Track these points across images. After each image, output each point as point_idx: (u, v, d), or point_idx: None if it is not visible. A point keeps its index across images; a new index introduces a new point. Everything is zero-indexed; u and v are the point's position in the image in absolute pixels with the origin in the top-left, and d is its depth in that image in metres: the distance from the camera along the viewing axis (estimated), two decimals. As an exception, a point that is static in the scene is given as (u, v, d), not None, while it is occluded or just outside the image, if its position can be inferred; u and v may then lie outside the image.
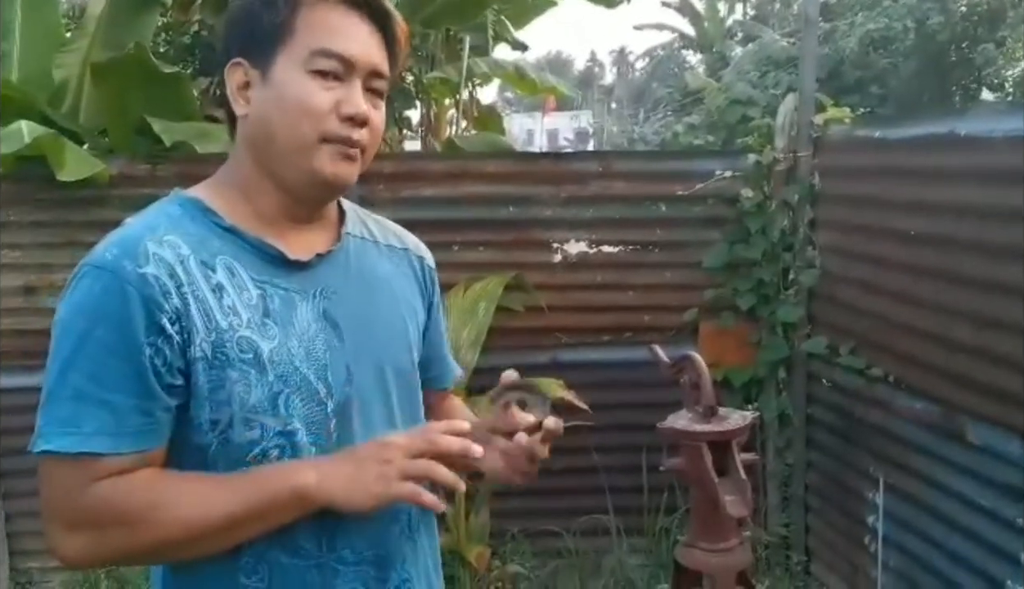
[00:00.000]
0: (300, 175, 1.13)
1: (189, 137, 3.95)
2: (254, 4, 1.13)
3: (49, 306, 3.56)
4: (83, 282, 1.05)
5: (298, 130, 1.10)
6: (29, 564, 3.68)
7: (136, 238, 1.07)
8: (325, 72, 1.10)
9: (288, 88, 1.10)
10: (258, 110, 1.12)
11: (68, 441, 1.03)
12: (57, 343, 1.05)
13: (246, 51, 1.12)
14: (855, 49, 13.35)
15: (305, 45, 1.10)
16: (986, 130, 2.55)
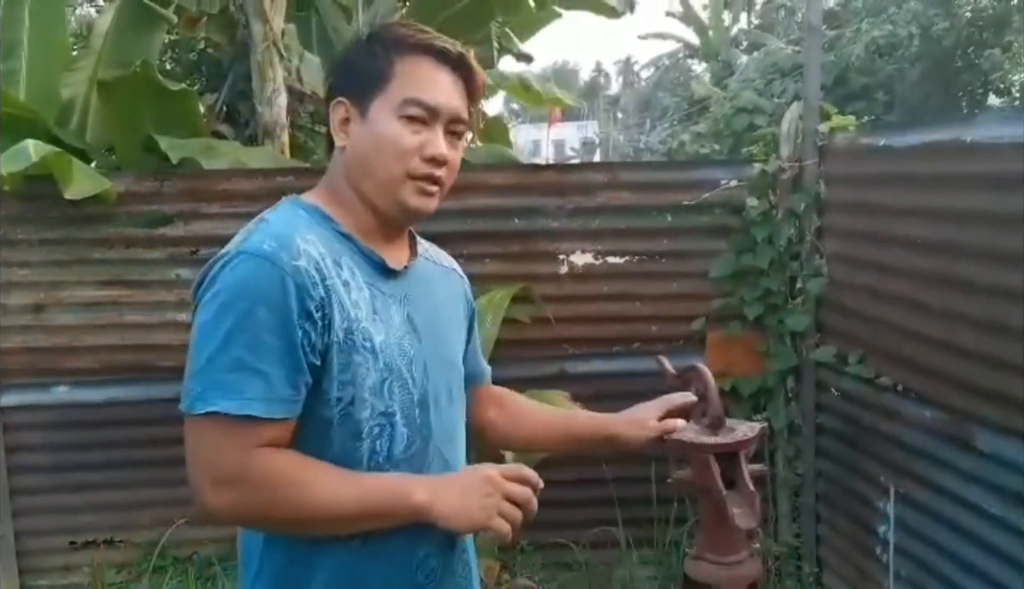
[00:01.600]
0: (388, 203, 1.32)
1: (196, 153, 3.98)
2: (359, 52, 1.34)
3: (58, 323, 3.59)
4: (243, 266, 1.20)
5: (388, 166, 1.30)
6: (39, 581, 3.69)
7: (288, 234, 1.23)
8: (413, 117, 1.29)
9: (381, 129, 1.29)
10: (356, 145, 1.32)
11: (231, 404, 1.16)
12: (217, 316, 1.19)
13: (348, 91, 1.32)
14: (860, 56, 13.33)
15: (399, 93, 1.29)
16: (992, 136, 2.54)
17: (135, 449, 3.69)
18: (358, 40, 1.36)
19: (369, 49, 1.32)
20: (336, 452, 1.24)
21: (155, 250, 3.62)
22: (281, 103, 4.93)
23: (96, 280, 3.62)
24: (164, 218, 3.59)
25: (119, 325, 3.64)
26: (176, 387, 4.00)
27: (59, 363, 3.64)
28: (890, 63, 13.51)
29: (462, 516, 1.26)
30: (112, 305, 3.63)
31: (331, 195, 1.35)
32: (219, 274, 1.22)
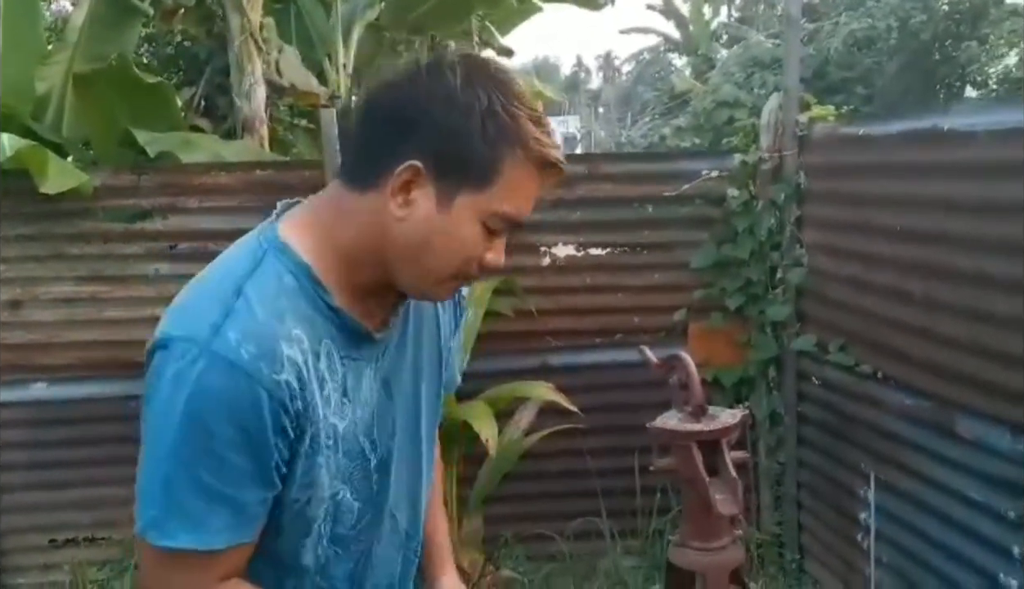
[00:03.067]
0: (416, 290, 1.14)
1: (173, 147, 3.94)
2: (469, 125, 1.03)
3: (35, 319, 3.55)
4: (215, 374, 0.98)
5: (445, 266, 1.09)
6: (19, 580, 3.65)
7: (271, 336, 1.01)
8: (493, 230, 1.09)
9: (460, 229, 1.07)
10: (419, 225, 1.06)
11: (194, 538, 1.01)
12: (179, 427, 0.98)
13: (433, 162, 1.04)
14: (839, 49, 13.41)
15: (496, 203, 1.06)
16: (968, 124, 2.56)
17: (115, 446, 3.65)
18: (465, 99, 1.04)
19: (481, 128, 1.03)
20: (280, 543, 1.12)
21: (133, 245, 3.58)
22: (260, 96, 4.90)
23: (74, 275, 3.58)
24: (142, 213, 3.56)
25: (98, 321, 3.61)
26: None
27: (37, 360, 3.60)
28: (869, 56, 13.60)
29: None
30: (90, 301, 3.60)
31: (333, 249, 1.10)
32: (184, 370, 0.98)
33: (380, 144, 1.06)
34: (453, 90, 1.03)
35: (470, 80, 1.04)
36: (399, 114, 1.06)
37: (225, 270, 1.07)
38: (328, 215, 1.11)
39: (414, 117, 1.05)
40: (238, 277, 1.04)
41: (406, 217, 1.06)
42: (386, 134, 1.06)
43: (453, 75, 1.03)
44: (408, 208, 1.05)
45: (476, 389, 3.46)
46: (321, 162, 3.61)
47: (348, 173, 1.11)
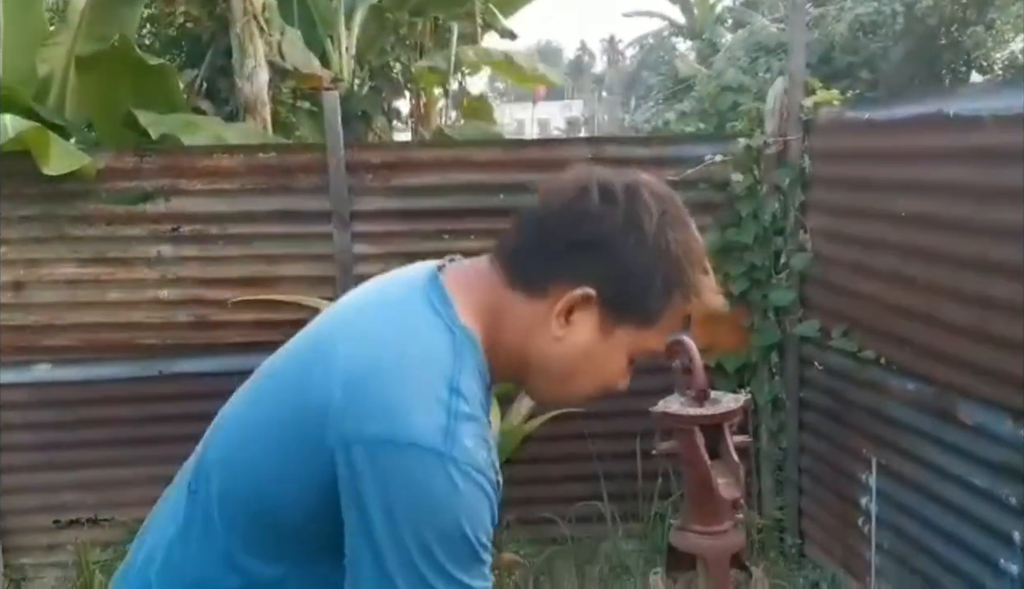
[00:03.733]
0: (546, 401, 1.18)
1: (176, 129, 3.94)
2: (653, 271, 1.04)
3: (38, 301, 3.56)
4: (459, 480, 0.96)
5: (584, 388, 1.11)
6: (23, 560, 3.67)
7: (489, 440, 1.02)
8: (632, 360, 1.11)
9: (611, 359, 1.09)
10: (573, 348, 1.07)
11: None
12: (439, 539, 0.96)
13: (604, 294, 1.04)
14: (844, 34, 13.32)
15: (649, 341, 1.09)
16: (974, 109, 2.54)
17: (118, 427, 3.67)
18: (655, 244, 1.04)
19: (663, 277, 1.05)
20: None
21: (136, 227, 3.58)
22: (262, 78, 4.89)
23: (76, 257, 3.58)
24: (144, 195, 3.55)
25: (100, 303, 3.61)
26: (158, 365, 3.94)
27: (40, 341, 3.61)
28: (874, 41, 13.51)
29: None
30: (93, 283, 3.60)
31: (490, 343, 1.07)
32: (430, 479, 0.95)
33: (558, 259, 1.05)
34: (647, 233, 1.03)
35: (663, 225, 1.04)
36: (586, 238, 1.04)
37: (426, 357, 1.01)
38: (492, 308, 1.08)
39: (601, 246, 1.04)
40: (446, 372, 1.00)
41: (563, 337, 1.06)
42: (567, 252, 1.04)
43: (648, 216, 1.03)
44: (567, 329, 1.05)
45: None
46: (324, 145, 3.60)
47: (515, 272, 1.07)
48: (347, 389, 0.98)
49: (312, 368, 1.03)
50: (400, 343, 1.01)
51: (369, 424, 0.96)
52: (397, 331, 1.03)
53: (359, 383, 0.98)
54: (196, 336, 3.63)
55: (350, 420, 0.96)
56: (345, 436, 0.96)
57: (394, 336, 1.02)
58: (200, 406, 4.05)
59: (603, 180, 1.06)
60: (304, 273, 3.64)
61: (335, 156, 3.55)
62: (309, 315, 3.78)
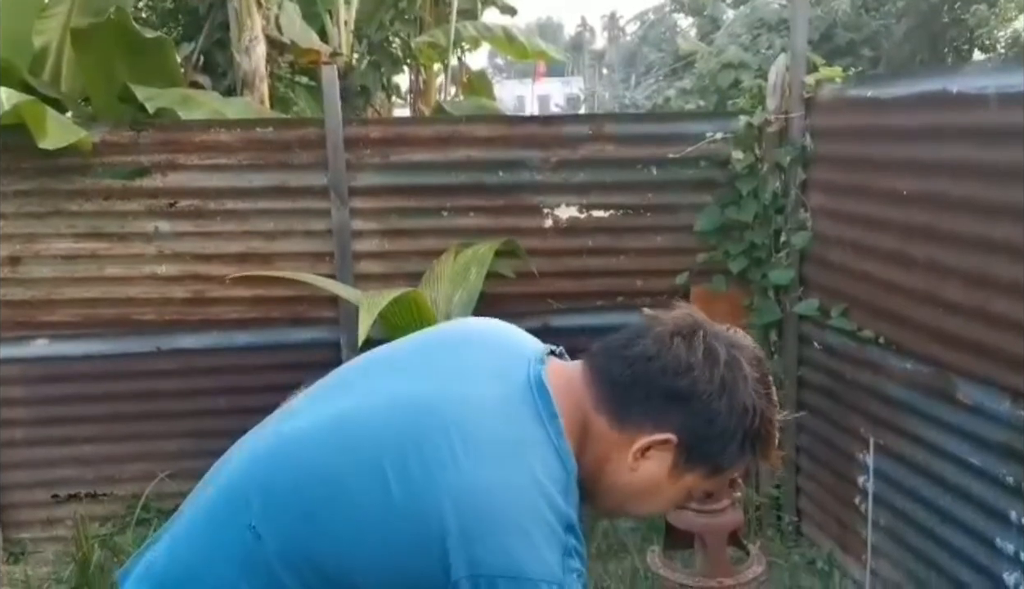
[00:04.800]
0: (603, 514, 1.28)
1: (173, 103, 3.91)
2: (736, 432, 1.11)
3: (35, 276, 3.55)
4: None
5: (642, 512, 1.22)
6: (22, 535, 3.68)
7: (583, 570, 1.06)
8: (691, 495, 1.19)
9: (674, 495, 1.17)
10: (642, 480, 1.13)
11: None
12: None
13: (683, 441, 1.10)
14: (847, 11, 13.24)
15: (713, 484, 1.17)
16: (978, 87, 2.52)
17: (116, 402, 3.67)
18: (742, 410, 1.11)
19: (743, 439, 1.12)
20: None
21: (132, 202, 3.56)
22: (260, 53, 4.85)
23: (73, 232, 3.56)
24: (141, 170, 3.53)
25: (98, 278, 3.60)
26: (156, 340, 3.94)
27: (37, 316, 3.60)
28: (876, 19, 13.43)
29: None
30: (90, 258, 3.58)
31: (578, 452, 1.11)
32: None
33: (650, 403, 1.10)
34: (739, 400, 1.10)
35: (755, 390, 1.11)
36: (682, 391, 1.10)
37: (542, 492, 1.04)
38: (580, 423, 1.12)
39: (693, 401, 1.10)
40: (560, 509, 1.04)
41: (636, 470, 1.12)
42: (661, 396, 1.10)
43: (744, 384, 1.10)
44: (641, 462, 1.12)
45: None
46: (322, 120, 3.57)
47: (607, 400, 1.12)
48: (466, 511, 1.00)
49: (417, 460, 1.03)
50: (516, 466, 1.04)
51: (494, 558, 0.98)
52: (512, 450, 1.05)
53: (479, 509, 1.00)
54: (193, 311, 3.63)
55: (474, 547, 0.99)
56: (471, 564, 0.98)
57: (509, 457, 1.04)
58: (198, 381, 4.06)
59: (708, 336, 1.13)
60: (302, 249, 3.62)
61: (333, 131, 3.53)
62: (306, 291, 3.75)
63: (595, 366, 1.15)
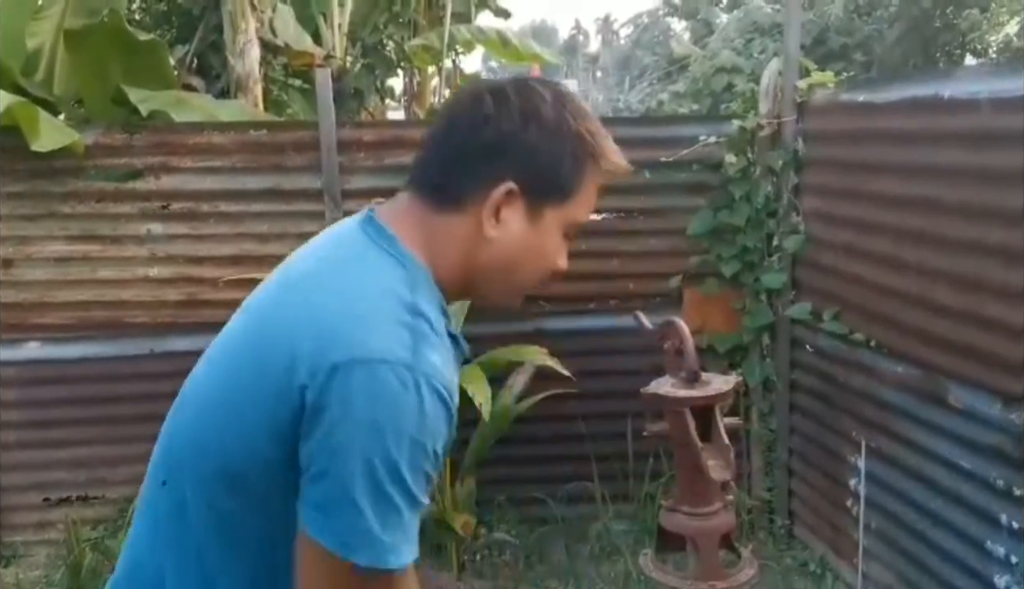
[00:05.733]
0: (500, 301, 1.22)
1: (166, 106, 3.90)
2: (561, 147, 1.12)
3: (28, 278, 3.53)
4: (426, 393, 0.99)
5: (533, 276, 1.18)
6: (14, 538, 3.67)
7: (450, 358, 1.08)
8: (567, 237, 1.18)
9: (547, 241, 1.16)
10: (509, 243, 1.13)
11: (412, 550, 1.01)
12: (401, 455, 0.98)
13: (523, 183, 1.11)
14: (840, 16, 13.29)
15: (574, 214, 1.16)
16: (970, 92, 2.53)
17: (108, 405, 3.66)
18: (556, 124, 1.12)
19: (571, 151, 1.12)
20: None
21: (125, 204, 3.55)
22: (254, 55, 4.84)
23: (66, 235, 3.56)
24: (134, 172, 3.53)
25: (91, 281, 3.59)
26: (149, 343, 3.92)
27: (30, 319, 3.59)
28: (869, 23, 13.48)
29: None
30: (83, 260, 3.58)
31: (436, 263, 1.12)
32: (400, 396, 0.98)
33: (473, 168, 1.11)
34: (545, 118, 1.11)
35: (559, 107, 1.12)
36: (492, 140, 1.10)
37: (381, 284, 1.06)
38: (424, 235, 1.13)
39: (506, 143, 1.10)
40: (408, 299, 1.05)
41: (498, 237, 1.12)
42: (479, 159, 1.11)
43: (543, 103, 1.12)
44: (500, 228, 1.12)
45: (470, 353, 3.45)
46: (315, 123, 3.57)
47: (437, 195, 1.13)
48: (315, 334, 1.00)
49: (269, 330, 1.05)
50: (358, 284, 1.05)
51: (338, 352, 0.98)
52: (353, 275, 1.06)
53: (326, 327, 1.00)
54: (186, 314, 3.62)
55: (319, 355, 0.98)
56: (314, 369, 0.97)
57: (352, 280, 1.06)
58: (191, 385, 4.02)
59: (493, 85, 1.14)
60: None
61: (327, 134, 3.53)
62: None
63: (413, 179, 1.16)
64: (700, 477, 2.32)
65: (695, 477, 2.37)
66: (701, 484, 2.37)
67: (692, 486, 2.42)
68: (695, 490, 2.42)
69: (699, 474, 2.32)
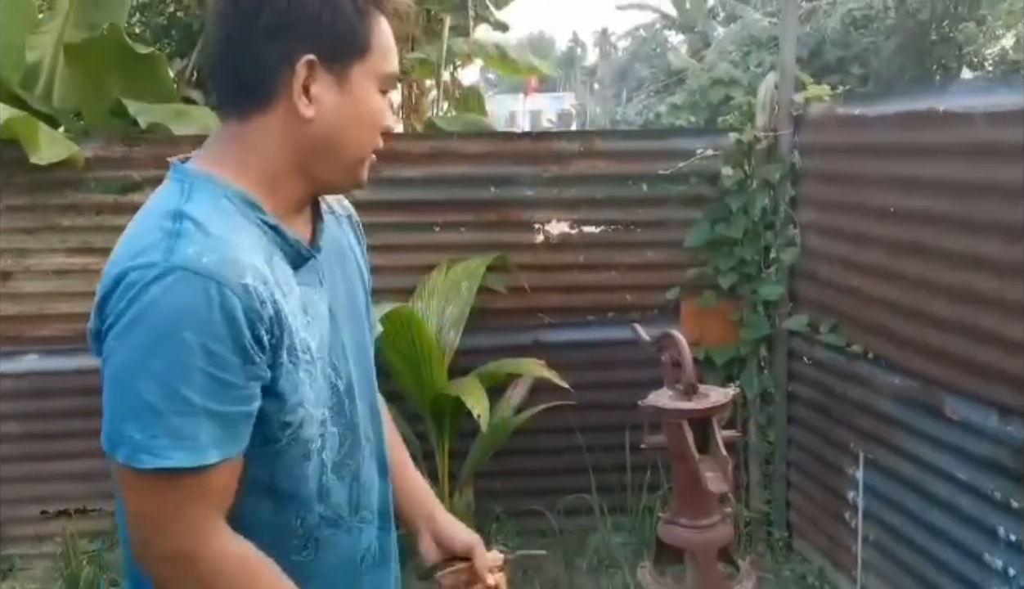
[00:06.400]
0: (346, 181, 1.17)
1: (165, 119, 3.91)
2: (340, 7, 1.09)
3: (26, 291, 3.54)
4: (182, 287, 0.98)
5: (365, 143, 1.14)
6: (11, 551, 3.66)
7: (227, 245, 1.02)
8: (385, 91, 1.15)
9: (366, 104, 1.12)
10: (330, 117, 1.10)
11: (186, 455, 1.00)
12: (154, 348, 0.98)
13: (319, 53, 1.08)
14: (836, 28, 13.34)
15: (379, 65, 1.13)
16: (965, 106, 2.55)
17: (106, 418, 3.65)
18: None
19: (350, 5, 1.09)
20: (282, 473, 1.12)
21: (125, 216, 3.47)
22: (253, 68, 4.85)
23: (65, 247, 3.56)
24: (133, 184, 3.53)
25: (89, 293, 3.53)
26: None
27: (28, 331, 3.59)
28: (865, 36, 13.54)
29: None
30: (82, 272, 3.57)
31: (254, 173, 1.11)
32: (146, 292, 0.98)
33: (261, 58, 1.08)
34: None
35: None
36: (270, 20, 1.07)
37: (154, 207, 1.08)
38: (234, 150, 1.12)
39: (287, 17, 1.07)
40: (173, 207, 1.05)
41: (315, 115, 1.09)
42: (263, 45, 1.07)
43: None
44: (314, 106, 1.09)
45: (468, 365, 3.46)
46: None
47: (240, 104, 1.11)
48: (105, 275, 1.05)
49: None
50: (136, 218, 1.10)
51: (104, 281, 1.04)
52: (138, 215, 1.11)
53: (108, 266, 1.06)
54: (185, 327, 3.62)
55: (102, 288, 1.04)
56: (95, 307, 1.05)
57: (135, 219, 1.10)
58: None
59: None
60: (294, 264, 3.62)
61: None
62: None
63: (216, 101, 1.17)
64: (698, 489, 2.33)
65: (693, 489, 2.37)
66: (699, 496, 2.37)
67: (690, 498, 2.42)
68: (693, 502, 2.42)
69: (697, 486, 2.32)
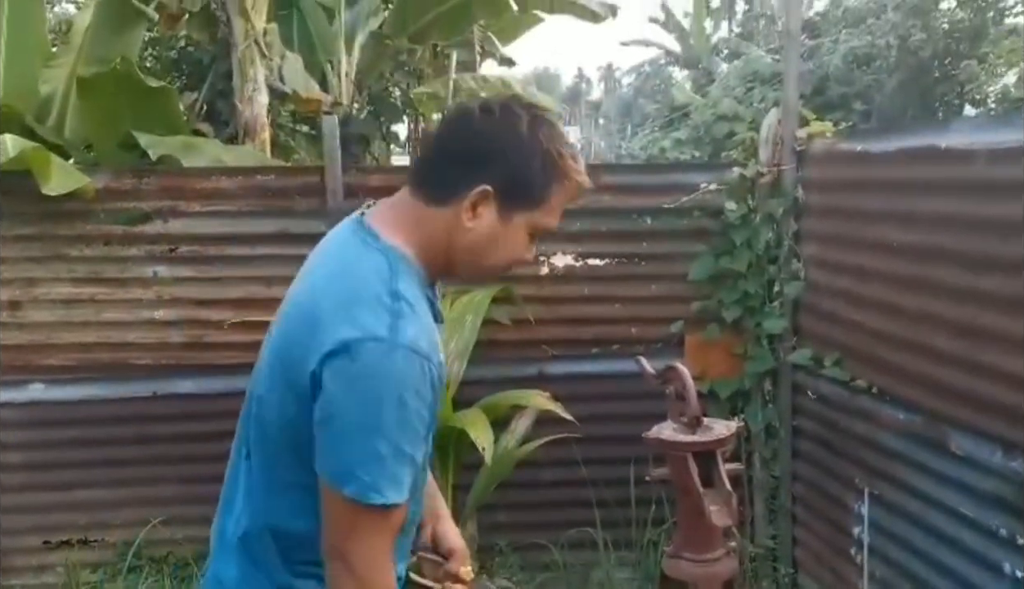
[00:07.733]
0: (473, 279, 1.55)
1: (175, 151, 3.96)
2: (527, 160, 1.35)
3: (33, 320, 3.56)
4: (404, 362, 1.25)
5: (500, 264, 1.44)
6: (12, 581, 3.65)
7: (430, 328, 1.33)
8: (533, 236, 1.42)
9: (514, 238, 1.41)
10: (484, 234, 1.38)
11: (397, 494, 1.27)
12: (382, 404, 1.24)
13: (500, 188, 1.35)
14: (839, 66, 13.46)
15: (542, 220, 1.40)
16: (966, 143, 2.58)
17: (110, 448, 3.66)
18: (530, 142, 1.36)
19: (541, 166, 1.36)
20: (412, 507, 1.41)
21: (133, 247, 3.59)
22: (262, 102, 4.93)
23: (73, 277, 3.59)
24: (143, 215, 3.57)
25: (96, 323, 3.61)
26: (152, 385, 3.90)
27: (34, 360, 3.61)
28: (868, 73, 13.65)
29: None
30: (89, 302, 3.60)
31: (419, 244, 1.39)
32: (380, 364, 1.25)
33: (458, 170, 1.36)
34: (521, 134, 1.35)
35: (534, 126, 1.35)
36: (477, 148, 1.36)
37: (367, 278, 1.31)
38: (411, 222, 1.39)
39: (489, 152, 1.36)
40: (387, 284, 1.31)
41: (473, 228, 1.37)
42: (464, 163, 1.36)
43: (519, 121, 1.35)
44: (475, 221, 1.37)
45: (473, 397, 3.46)
46: (322, 167, 3.62)
47: (429, 191, 1.38)
48: (317, 325, 1.27)
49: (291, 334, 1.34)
50: (347, 277, 1.33)
51: (333, 338, 1.25)
52: (343, 272, 1.34)
53: (325, 317, 1.27)
54: (191, 356, 3.64)
55: (322, 344, 1.25)
56: (321, 356, 1.25)
57: (341, 275, 1.34)
58: (194, 427, 4.05)
59: (482, 102, 1.41)
60: (300, 295, 3.64)
61: (333, 179, 3.57)
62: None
63: (412, 177, 1.42)
64: (702, 523, 2.32)
65: (697, 523, 2.36)
66: (703, 530, 2.37)
67: (694, 532, 2.42)
68: (697, 536, 2.41)
69: (701, 520, 2.32)
